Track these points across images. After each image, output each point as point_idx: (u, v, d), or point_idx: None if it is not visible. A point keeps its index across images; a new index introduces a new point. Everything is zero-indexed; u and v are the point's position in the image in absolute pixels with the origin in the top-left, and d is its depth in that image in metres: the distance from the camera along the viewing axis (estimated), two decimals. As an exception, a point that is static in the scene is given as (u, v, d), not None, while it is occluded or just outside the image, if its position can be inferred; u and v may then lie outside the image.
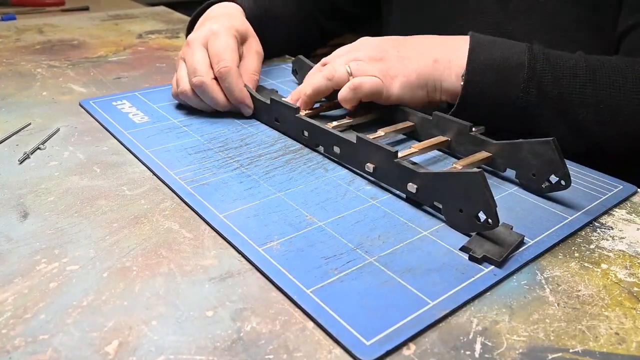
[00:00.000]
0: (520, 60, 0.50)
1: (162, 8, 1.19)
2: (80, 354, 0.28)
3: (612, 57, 0.53)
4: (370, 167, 0.45)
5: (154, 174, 0.46)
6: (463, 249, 0.37)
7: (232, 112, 0.59)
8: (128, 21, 1.05)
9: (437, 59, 0.53)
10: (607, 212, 0.43)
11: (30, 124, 0.56)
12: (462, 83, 0.51)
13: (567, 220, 0.41)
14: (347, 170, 0.48)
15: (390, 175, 0.44)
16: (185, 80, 0.57)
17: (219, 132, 0.55)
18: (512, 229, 0.39)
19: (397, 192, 0.44)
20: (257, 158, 0.49)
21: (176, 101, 0.62)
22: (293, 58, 0.72)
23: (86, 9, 1.16)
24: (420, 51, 0.54)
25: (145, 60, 0.80)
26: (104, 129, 0.55)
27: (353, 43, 0.58)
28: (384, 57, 0.54)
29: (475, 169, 0.37)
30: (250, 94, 0.57)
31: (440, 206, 0.40)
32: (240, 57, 0.60)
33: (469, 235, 0.39)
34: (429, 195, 0.41)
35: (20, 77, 0.71)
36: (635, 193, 0.46)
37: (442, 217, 0.41)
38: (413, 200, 0.43)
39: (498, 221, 0.36)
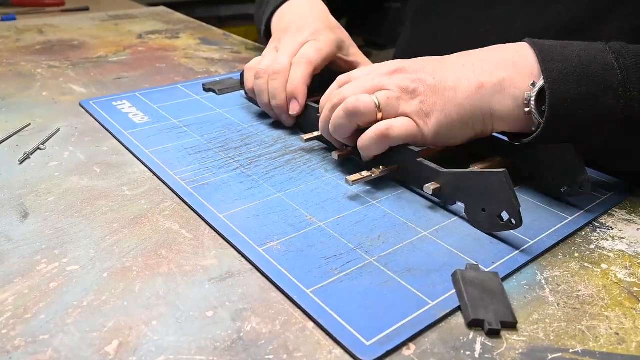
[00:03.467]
0: (606, 61, 0.40)
1: (162, 8, 1.19)
2: (81, 354, 0.28)
3: None
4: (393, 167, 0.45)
5: (154, 174, 0.47)
6: (473, 323, 0.31)
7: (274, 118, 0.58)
8: (128, 21, 1.05)
9: (483, 83, 0.42)
10: (607, 212, 0.43)
11: (30, 124, 0.56)
12: (527, 108, 0.41)
13: (567, 220, 0.41)
14: (347, 170, 0.48)
15: (411, 174, 0.44)
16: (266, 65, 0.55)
17: (219, 132, 0.55)
18: (477, 267, 0.35)
19: (397, 192, 0.44)
20: (257, 158, 0.50)
21: (176, 101, 0.62)
22: None
23: (86, 9, 1.16)
24: (461, 75, 0.43)
25: (145, 61, 0.80)
26: (104, 129, 0.55)
27: (380, 64, 0.48)
28: (417, 88, 0.44)
29: (500, 169, 0.37)
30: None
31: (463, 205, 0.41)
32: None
33: (473, 235, 0.39)
34: (452, 194, 0.41)
35: (21, 77, 0.71)
36: (635, 193, 0.46)
37: (442, 217, 0.41)
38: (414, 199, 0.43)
39: (521, 221, 0.37)
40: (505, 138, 0.47)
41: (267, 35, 0.68)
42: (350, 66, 0.62)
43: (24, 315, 0.31)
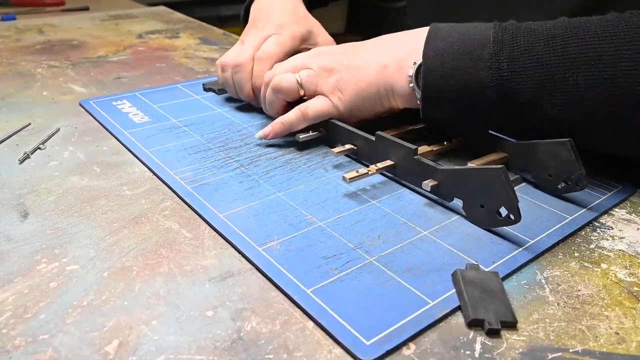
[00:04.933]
0: (484, 36, 0.43)
1: (162, 8, 1.19)
2: (81, 353, 0.28)
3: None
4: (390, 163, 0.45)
5: (154, 173, 0.47)
6: (473, 323, 0.31)
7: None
8: (128, 21, 1.05)
9: (387, 63, 0.47)
10: (607, 212, 0.43)
11: (30, 123, 0.56)
12: (411, 84, 0.46)
13: (567, 220, 0.41)
14: (347, 170, 0.48)
15: (410, 171, 0.44)
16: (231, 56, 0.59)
17: (219, 132, 0.55)
18: (478, 267, 0.35)
19: (397, 192, 0.44)
20: (257, 158, 0.50)
21: (176, 101, 0.62)
22: None
23: (86, 9, 1.16)
24: (371, 57, 0.49)
25: (145, 60, 0.80)
26: (104, 129, 0.55)
27: (308, 51, 0.55)
28: (334, 67, 0.50)
29: (498, 165, 0.37)
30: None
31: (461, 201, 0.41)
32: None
33: (473, 235, 0.39)
34: (449, 191, 0.41)
35: (21, 77, 0.71)
36: (635, 193, 0.46)
37: (442, 217, 0.41)
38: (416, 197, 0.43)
39: (520, 216, 0.37)
40: (502, 135, 0.47)
41: (245, 22, 0.69)
42: None
43: (24, 315, 0.31)
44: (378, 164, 0.45)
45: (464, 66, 0.43)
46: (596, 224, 0.42)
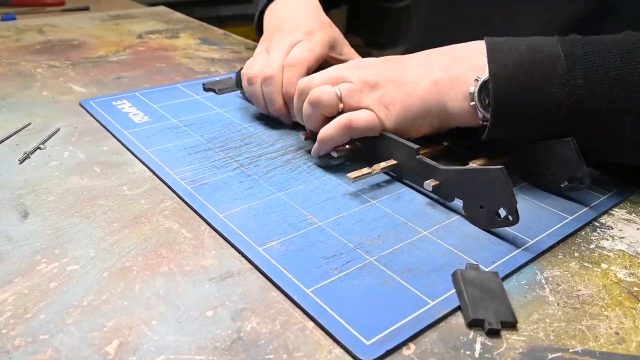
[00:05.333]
0: (553, 51, 0.41)
1: (162, 8, 1.19)
2: (81, 353, 0.28)
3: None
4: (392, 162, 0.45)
5: (154, 173, 0.47)
6: (473, 323, 0.31)
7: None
8: (128, 21, 1.05)
9: (438, 79, 0.44)
10: (607, 212, 0.43)
11: (30, 123, 0.56)
12: (471, 102, 0.42)
13: (567, 220, 0.41)
14: (348, 170, 0.48)
15: (411, 171, 0.44)
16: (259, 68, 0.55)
17: (219, 132, 0.55)
18: (478, 267, 0.35)
19: (397, 191, 0.44)
20: (257, 158, 0.50)
21: (176, 101, 0.62)
22: None
23: (86, 9, 1.16)
24: (420, 73, 0.46)
25: (145, 60, 0.80)
26: (104, 128, 0.55)
27: (344, 63, 0.50)
28: (378, 82, 0.46)
29: (497, 166, 0.37)
30: None
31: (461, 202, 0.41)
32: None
33: (473, 235, 0.39)
34: (450, 190, 0.41)
35: (21, 77, 0.71)
36: (635, 193, 0.46)
37: (442, 217, 0.41)
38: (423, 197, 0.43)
39: (518, 217, 0.37)
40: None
41: (260, 28, 0.67)
42: None
43: (24, 315, 0.31)
44: (381, 164, 0.45)
45: (537, 83, 0.40)
46: (596, 224, 0.42)
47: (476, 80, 0.42)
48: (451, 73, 0.44)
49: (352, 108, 0.46)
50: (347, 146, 0.48)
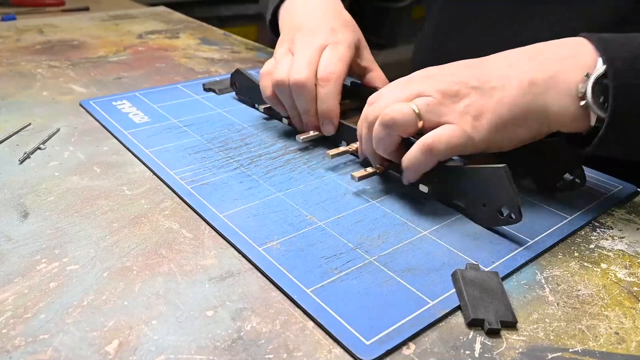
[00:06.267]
0: None
1: (162, 8, 1.19)
2: (81, 353, 0.28)
3: None
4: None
5: (154, 173, 0.47)
6: (473, 322, 0.31)
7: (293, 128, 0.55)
8: (128, 21, 1.05)
9: (534, 79, 0.39)
10: (607, 212, 0.43)
11: (30, 124, 0.56)
12: (582, 102, 0.37)
13: (567, 220, 0.41)
14: (349, 170, 0.48)
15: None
16: (284, 71, 0.50)
17: (219, 132, 0.55)
18: (478, 267, 0.35)
19: (397, 191, 0.44)
20: (257, 158, 0.50)
21: (176, 101, 0.62)
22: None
23: (86, 9, 1.16)
24: (508, 74, 0.40)
25: (145, 61, 0.80)
26: (104, 129, 0.55)
27: (410, 75, 0.43)
28: (459, 91, 0.40)
29: (500, 165, 0.37)
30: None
31: (460, 201, 0.41)
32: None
33: (473, 235, 0.39)
34: (451, 189, 0.41)
35: (21, 77, 0.71)
36: (635, 193, 0.46)
37: (442, 217, 0.41)
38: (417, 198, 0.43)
39: (521, 216, 0.37)
40: None
41: (274, 27, 0.64)
42: (364, 71, 0.56)
43: (24, 315, 0.31)
44: (385, 162, 0.45)
45: None
46: (596, 224, 0.42)
47: (586, 76, 0.37)
48: (548, 72, 0.39)
49: (433, 125, 0.40)
50: (311, 132, 0.50)
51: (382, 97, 0.43)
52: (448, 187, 0.41)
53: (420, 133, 0.40)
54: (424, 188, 0.41)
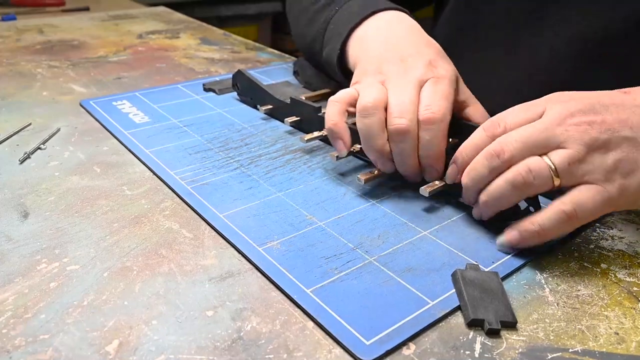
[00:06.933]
0: None
1: (162, 8, 1.19)
2: (81, 353, 0.28)
3: None
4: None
5: (154, 173, 0.47)
6: (473, 322, 0.31)
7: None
8: (128, 21, 1.05)
9: None
10: (606, 212, 0.43)
11: (30, 124, 0.56)
12: None
13: (566, 220, 0.41)
14: (350, 170, 0.48)
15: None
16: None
17: (219, 132, 0.55)
18: (477, 267, 0.35)
19: (397, 191, 0.44)
20: (257, 158, 0.50)
21: (176, 101, 0.62)
22: (294, 58, 0.71)
23: (86, 9, 1.16)
24: None
25: (145, 61, 0.80)
26: (104, 129, 0.55)
27: (542, 101, 0.37)
28: (610, 140, 0.34)
29: None
30: None
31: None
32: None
33: (473, 235, 0.39)
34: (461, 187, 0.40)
35: (21, 77, 0.71)
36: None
37: (442, 217, 0.41)
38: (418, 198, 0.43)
39: (540, 207, 0.37)
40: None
41: (342, 66, 0.54)
42: (461, 106, 0.47)
43: (24, 315, 0.31)
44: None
45: None
46: (596, 224, 0.42)
47: None
48: None
49: (571, 184, 0.35)
50: (316, 132, 0.49)
51: (508, 144, 0.36)
52: (459, 185, 0.41)
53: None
54: (424, 192, 0.41)
